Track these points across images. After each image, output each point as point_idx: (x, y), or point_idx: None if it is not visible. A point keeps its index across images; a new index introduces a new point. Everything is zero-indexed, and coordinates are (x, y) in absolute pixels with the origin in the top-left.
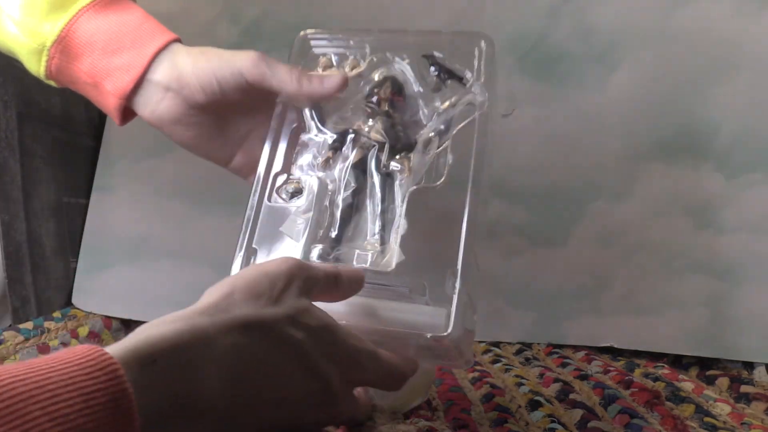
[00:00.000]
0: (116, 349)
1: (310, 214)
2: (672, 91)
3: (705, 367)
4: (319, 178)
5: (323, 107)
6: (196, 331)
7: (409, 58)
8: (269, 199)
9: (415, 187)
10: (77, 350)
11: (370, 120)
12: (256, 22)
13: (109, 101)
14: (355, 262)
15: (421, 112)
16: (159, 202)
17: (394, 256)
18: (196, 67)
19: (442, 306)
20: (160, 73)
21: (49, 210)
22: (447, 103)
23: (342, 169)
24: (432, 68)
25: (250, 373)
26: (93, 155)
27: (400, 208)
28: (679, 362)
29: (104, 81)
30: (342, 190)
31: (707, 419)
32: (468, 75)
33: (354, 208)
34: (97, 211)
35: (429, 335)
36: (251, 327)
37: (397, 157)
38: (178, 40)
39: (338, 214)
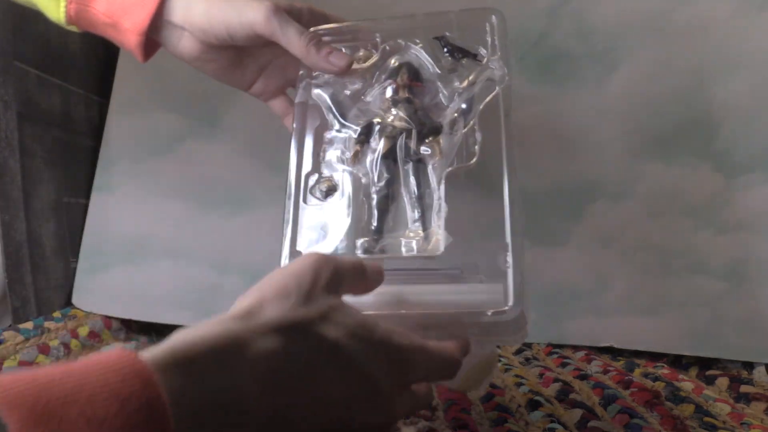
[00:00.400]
0: (154, 352)
1: (350, 209)
2: (672, 91)
3: (705, 367)
4: (351, 173)
5: (342, 102)
6: (231, 335)
7: (421, 41)
8: (305, 201)
9: (450, 169)
10: (112, 355)
11: (392, 109)
12: None
13: (129, 39)
14: (403, 251)
15: (440, 94)
16: (159, 202)
17: (441, 239)
18: (209, 14)
19: (497, 282)
20: (176, 15)
21: (49, 210)
22: (466, 82)
23: (372, 161)
24: (445, 49)
25: (288, 377)
26: (93, 155)
27: (438, 191)
28: (678, 362)
29: (122, 19)
30: (375, 182)
31: (707, 419)
32: (482, 51)
33: (390, 199)
34: (97, 211)
35: (490, 312)
36: (284, 329)
37: (426, 141)
38: None
39: (375, 206)
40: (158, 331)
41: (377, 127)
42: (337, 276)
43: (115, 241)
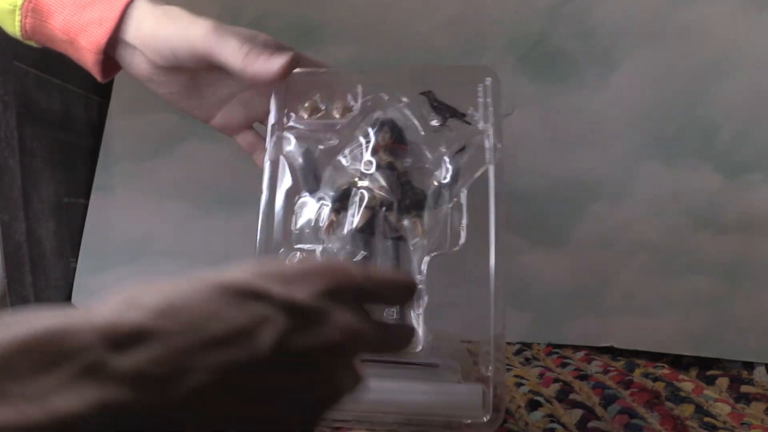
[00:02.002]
0: None
1: None
2: (672, 91)
3: (705, 367)
4: (325, 248)
5: (316, 159)
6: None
7: (407, 97)
8: None
9: (433, 254)
10: None
11: (372, 173)
12: (256, 22)
13: (86, 57)
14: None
15: (425, 158)
16: (159, 202)
17: (420, 334)
18: (155, 32)
19: (476, 383)
20: (129, 34)
21: (49, 210)
22: (455, 146)
23: (348, 234)
24: (431, 107)
25: None
26: (93, 155)
27: (418, 277)
28: (679, 362)
29: (79, 37)
30: (350, 257)
31: (707, 419)
32: (471, 111)
33: None
34: (97, 211)
35: (468, 421)
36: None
37: (408, 215)
38: None
39: None
40: None
41: (355, 195)
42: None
43: (115, 241)
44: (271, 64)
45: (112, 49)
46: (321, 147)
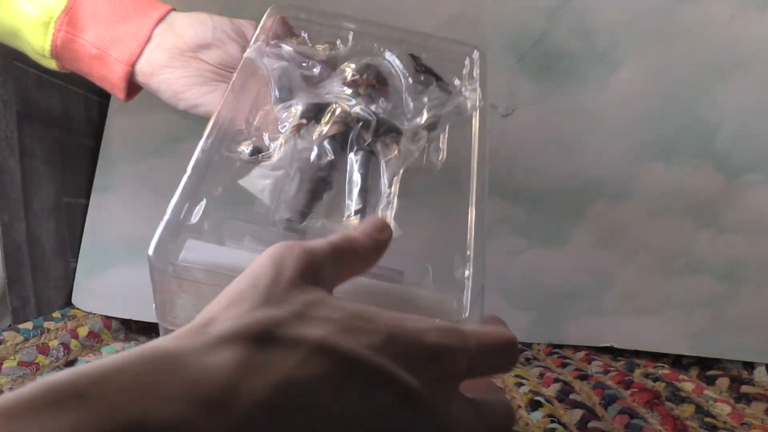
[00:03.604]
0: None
1: (280, 172)
2: (672, 91)
3: (705, 367)
4: (291, 139)
5: (293, 79)
6: (158, 354)
7: (397, 53)
8: (227, 149)
9: (408, 167)
10: None
11: (352, 99)
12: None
13: (114, 71)
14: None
15: (405, 105)
16: (159, 202)
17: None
18: (191, 16)
19: (450, 293)
20: (157, 32)
21: (49, 210)
22: (436, 100)
23: (316, 138)
24: (416, 70)
25: (265, 397)
26: (93, 155)
27: (390, 188)
28: (679, 362)
29: (110, 50)
30: (315, 161)
31: (707, 419)
32: (456, 82)
33: (327, 184)
34: (97, 211)
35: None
36: (240, 338)
37: (384, 138)
38: (175, 10)
39: (308, 186)
40: (158, 331)
41: (332, 110)
42: (309, 263)
43: (115, 241)
44: None
45: (138, 59)
46: (300, 72)
